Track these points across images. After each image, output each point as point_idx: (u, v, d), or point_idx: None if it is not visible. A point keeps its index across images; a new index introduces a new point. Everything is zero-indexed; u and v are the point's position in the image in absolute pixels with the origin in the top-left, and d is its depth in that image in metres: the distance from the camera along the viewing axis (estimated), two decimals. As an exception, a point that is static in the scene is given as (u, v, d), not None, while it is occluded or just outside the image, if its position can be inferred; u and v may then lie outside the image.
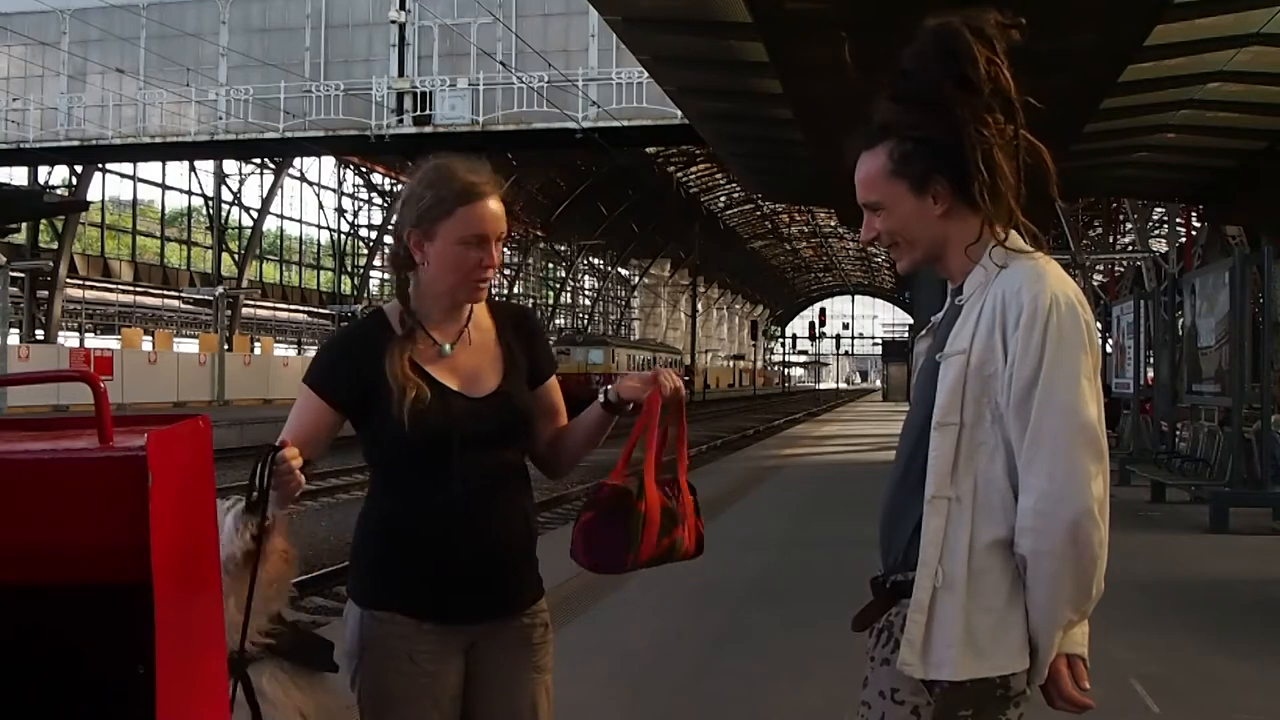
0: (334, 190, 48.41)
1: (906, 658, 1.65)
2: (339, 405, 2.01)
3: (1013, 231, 1.74)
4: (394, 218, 2.08)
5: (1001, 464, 1.64)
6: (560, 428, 2.18)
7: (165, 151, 32.79)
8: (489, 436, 2.02)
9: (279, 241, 48.89)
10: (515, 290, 54.88)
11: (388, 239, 49.16)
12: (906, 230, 1.76)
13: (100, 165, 36.56)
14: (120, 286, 39.73)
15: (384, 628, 1.98)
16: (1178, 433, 13.35)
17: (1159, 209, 26.16)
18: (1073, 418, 1.59)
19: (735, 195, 62.46)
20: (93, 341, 36.87)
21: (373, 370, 1.97)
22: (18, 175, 34.87)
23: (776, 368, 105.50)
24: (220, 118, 29.82)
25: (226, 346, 34.02)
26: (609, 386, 2.11)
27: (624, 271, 74.22)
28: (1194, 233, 22.62)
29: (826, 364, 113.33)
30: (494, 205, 2.02)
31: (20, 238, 33.85)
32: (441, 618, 1.99)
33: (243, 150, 33.90)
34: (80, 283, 37.51)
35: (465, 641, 2.02)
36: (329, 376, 2.02)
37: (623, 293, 76.14)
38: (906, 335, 60.36)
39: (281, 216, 47.02)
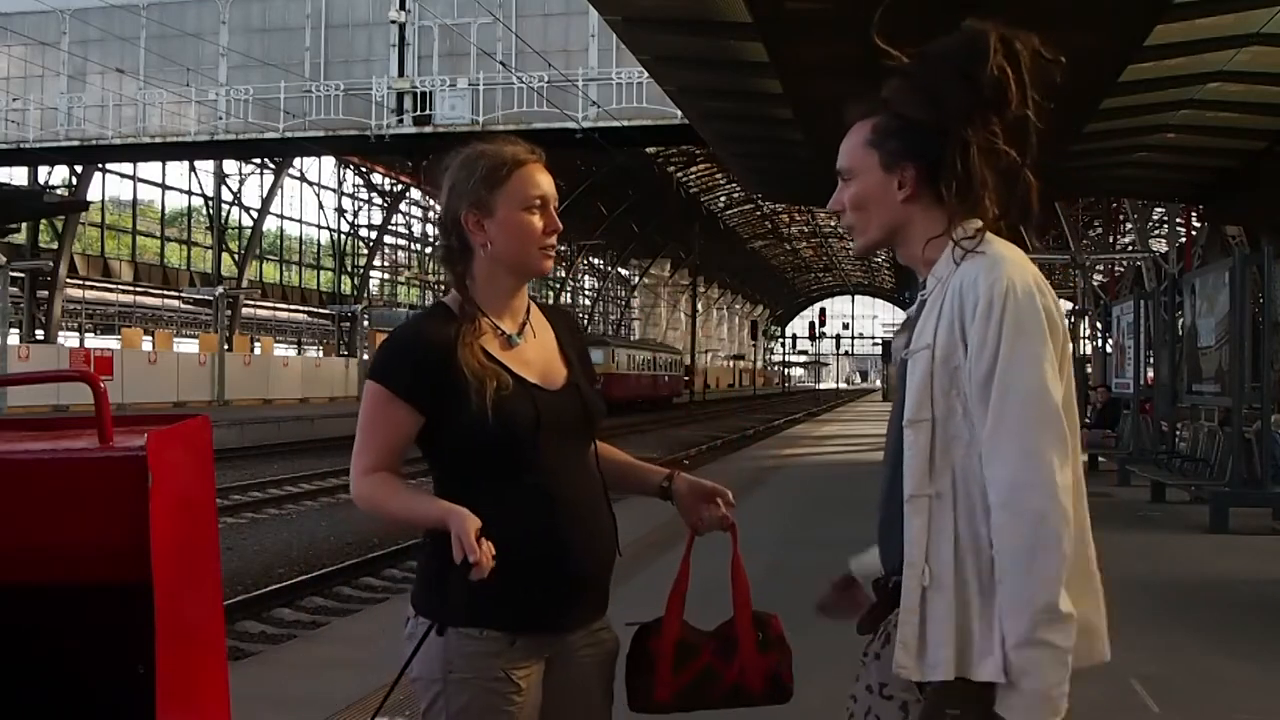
0: (334, 190, 48.46)
1: (902, 660, 1.62)
2: (421, 408, 1.87)
3: (988, 234, 1.71)
4: (439, 213, 1.97)
5: (978, 457, 1.61)
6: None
7: (165, 151, 32.80)
8: (574, 430, 1.95)
9: (279, 241, 48.90)
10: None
11: (388, 238, 49.19)
12: (867, 204, 1.75)
13: (100, 165, 36.56)
14: (120, 286, 39.73)
15: (473, 645, 1.84)
16: (1178, 433, 13.34)
17: (1159, 209, 26.14)
18: (1034, 406, 1.56)
19: (735, 195, 62.43)
20: (93, 341, 36.87)
21: (447, 366, 1.85)
22: (18, 175, 34.87)
23: (776, 368, 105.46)
24: (220, 118, 29.83)
25: (226, 346, 34.01)
26: (675, 483, 2.09)
27: (624, 271, 74.22)
28: (1194, 233, 22.61)
29: (826, 364, 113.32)
30: (545, 170, 1.97)
31: (20, 238, 33.85)
32: (538, 629, 1.88)
33: (243, 150, 33.92)
34: (80, 283, 37.52)
35: (550, 653, 1.92)
36: (408, 378, 1.87)
37: (623, 293, 76.14)
38: (906, 335, 60.16)
39: (281, 216, 47.11)
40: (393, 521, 1.89)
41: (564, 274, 62.91)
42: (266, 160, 41.26)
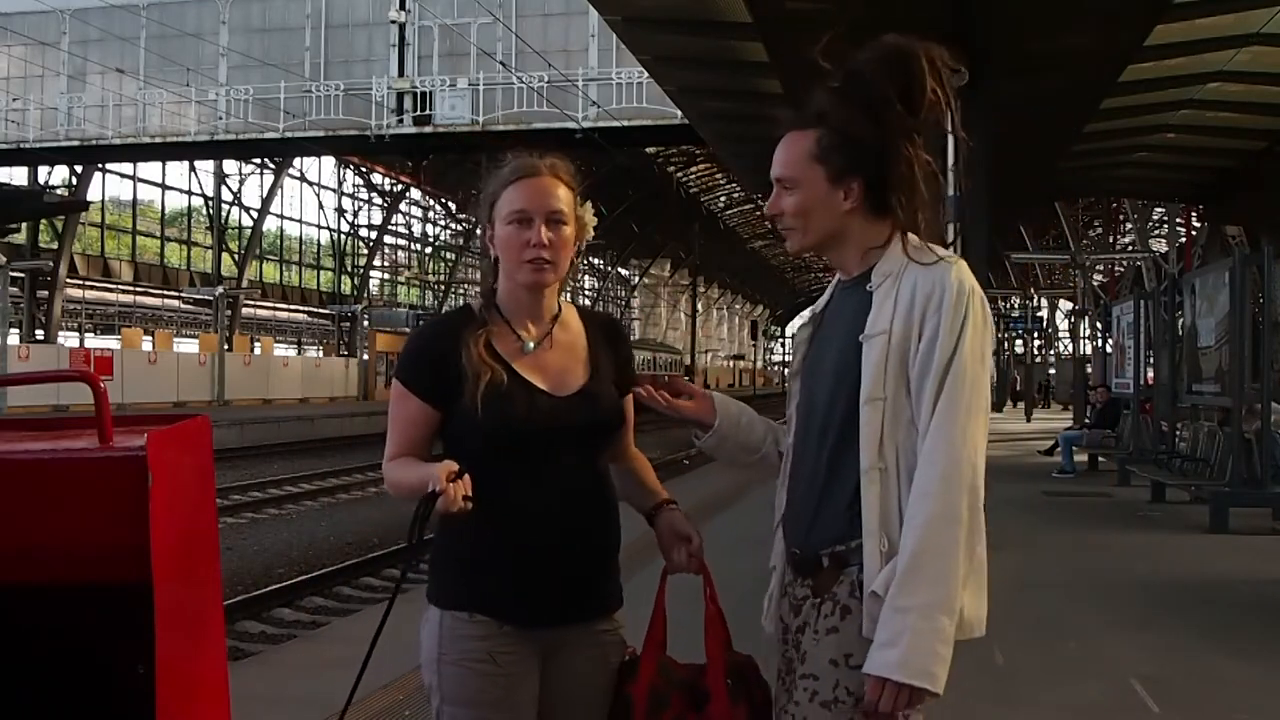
0: (334, 190, 48.43)
1: (870, 625, 1.73)
2: (434, 403, 1.98)
3: (913, 237, 1.86)
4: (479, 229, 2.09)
5: (915, 433, 1.77)
6: (623, 447, 2.14)
7: (165, 151, 32.78)
8: (574, 436, 1.99)
9: (279, 241, 48.88)
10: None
11: (388, 238, 49.14)
12: (810, 214, 1.87)
13: (100, 165, 36.54)
14: (120, 286, 39.71)
15: (463, 628, 1.93)
16: (1178, 433, 13.34)
17: (1159, 209, 26.15)
18: (980, 394, 1.75)
19: (735, 195, 62.41)
20: (93, 341, 36.85)
21: (453, 362, 1.95)
22: (18, 175, 34.86)
23: (776, 368, 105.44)
24: (220, 118, 29.81)
25: (226, 346, 33.99)
26: (658, 516, 2.09)
27: (624, 271, 74.20)
28: (1194, 233, 22.62)
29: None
30: (543, 183, 2.00)
31: (20, 238, 33.84)
32: (520, 620, 1.94)
33: (243, 150, 33.90)
34: (80, 283, 37.50)
35: (544, 648, 1.97)
36: (425, 377, 1.98)
37: (623, 293, 76.12)
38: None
39: (281, 216, 47.07)
40: (408, 495, 1.93)
41: (564, 274, 62.71)
42: (266, 160, 41.24)
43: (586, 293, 69.47)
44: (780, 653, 1.91)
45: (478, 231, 2.09)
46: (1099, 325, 29.00)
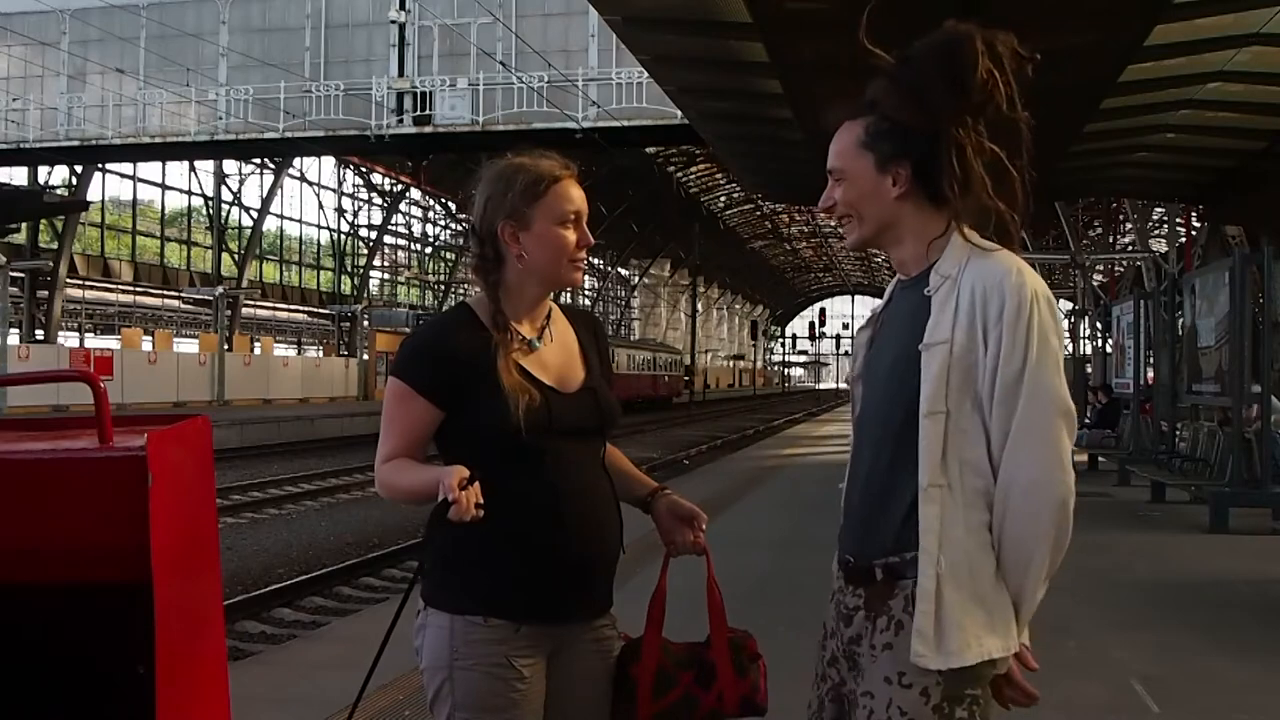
0: (334, 190, 48.42)
1: (921, 650, 1.67)
2: (439, 404, 1.95)
3: (972, 232, 1.78)
4: (474, 223, 2.02)
5: (981, 448, 1.70)
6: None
7: (165, 151, 32.77)
8: (584, 432, 2.00)
9: (279, 241, 48.87)
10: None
11: (388, 238, 49.11)
12: (860, 204, 1.82)
13: (100, 165, 36.53)
14: (120, 286, 39.70)
15: (478, 632, 1.90)
16: (1178, 433, 13.34)
17: (1159, 209, 26.13)
18: (1057, 404, 1.68)
19: (735, 195, 62.40)
20: (93, 341, 36.84)
21: (469, 367, 1.93)
22: (18, 175, 34.84)
23: (776, 368, 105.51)
24: (220, 118, 29.80)
25: (226, 346, 33.98)
26: (656, 501, 2.11)
27: (624, 271, 74.19)
28: (1194, 233, 22.60)
29: (826, 364, 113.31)
30: (577, 186, 2.03)
31: (20, 238, 33.82)
32: (539, 619, 1.93)
33: (243, 150, 33.88)
34: (80, 283, 37.48)
35: (552, 646, 1.97)
36: (432, 377, 1.95)
37: (623, 293, 76.11)
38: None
39: (281, 216, 47.05)
40: (408, 498, 1.93)
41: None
42: (266, 160, 41.23)
43: (586, 292, 69.47)
44: (821, 658, 1.89)
45: (472, 229, 2.04)
46: (1099, 325, 28.98)
